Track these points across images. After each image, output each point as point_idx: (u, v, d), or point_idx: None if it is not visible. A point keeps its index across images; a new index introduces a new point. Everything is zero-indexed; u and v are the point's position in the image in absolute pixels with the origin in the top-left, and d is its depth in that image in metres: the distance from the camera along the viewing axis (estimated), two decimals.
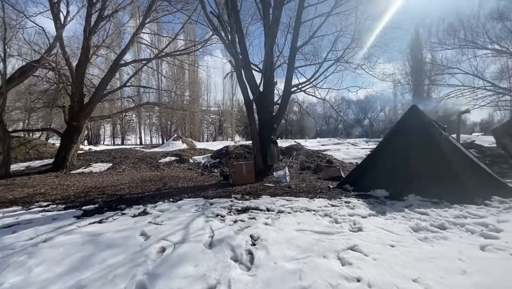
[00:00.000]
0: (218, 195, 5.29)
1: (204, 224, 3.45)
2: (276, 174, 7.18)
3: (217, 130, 41.48)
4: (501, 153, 12.14)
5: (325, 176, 7.54)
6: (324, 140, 24.85)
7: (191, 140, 19.92)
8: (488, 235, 2.75)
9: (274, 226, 3.33)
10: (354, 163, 11.61)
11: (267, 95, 8.07)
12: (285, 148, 11.71)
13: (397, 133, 5.44)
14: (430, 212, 3.61)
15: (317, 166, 9.58)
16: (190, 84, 23.71)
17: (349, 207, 4.09)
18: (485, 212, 3.50)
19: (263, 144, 7.72)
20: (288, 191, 5.48)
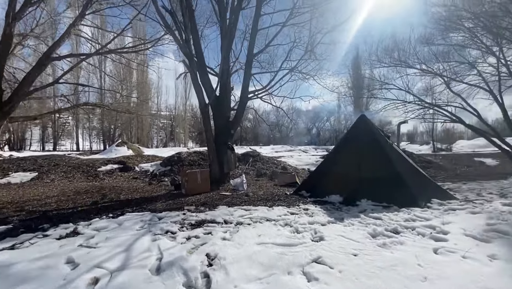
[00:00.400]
0: (169, 207, 4.73)
1: (150, 244, 2.94)
2: (233, 181, 6.86)
3: (169, 136, 39.23)
4: (427, 159, 13.96)
5: (281, 182, 7.51)
6: (277, 147, 25.48)
7: (139, 146, 18.30)
8: (438, 238, 2.89)
9: (233, 240, 3.00)
10: (306, 169, 12.00)
11: (224, 100, 7.76)
12: (242, 155, 11.48)
13: (348, 140, 5.68)
14: (383, 216, 3.73)
15: (273, 173, 9.56)
16: (139, 86, 21.92)
17: (308, 214, 4.00)
18: (429, 214, 3.76)
19: (219, 150, 7.35)
20: (246, 200, 5.20)
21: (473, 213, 3.68)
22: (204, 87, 7.28)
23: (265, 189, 6.74)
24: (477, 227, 3.14)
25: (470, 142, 23.72)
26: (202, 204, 4.94)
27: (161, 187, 7.26)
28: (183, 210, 4.47)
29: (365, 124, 5.60)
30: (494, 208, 3.85)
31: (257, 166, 10.41)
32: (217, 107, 7.69)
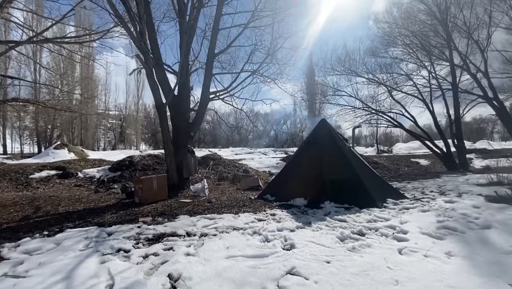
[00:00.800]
0: (120, 219, 4.14)
1: (98, 268, 2.46)
2: (194, 187, 6.42)
3: (118, 138, 35.95)
4: (374, 160, 15.23)
5: (244, 186, 7.31)
6: (237, 149, 25.28)
7: (82, 149, 16.29)
8: (399, 238, 3.01)
9: (199, 256, 2.69)
10: (268, 171, 12.04)
11: (183, 100, 7.26)
12: (201, 158, 10.98)
13: (310, 144, 5.76)
14: (347, 218, 3.80)
15: (235, 176, 9.32)
16: (83, 81, 19.54)
17: (276, 220, 3.87)
18: (387, 214, 3.96)
19: (178, 154, 6.83)
20: (209, 207, 4.86)
21: (423, 211, 3.99)
22: (161, 85, 6.70)
23: (228, 194, 6.47)
24: (430, 225, 3.38)
25: (406, 145, 26.76)
26: (160, 214, 4.46)
27: (110, 196, 6.44)
28: (137, 222, 3.95)
29: (326, 128, 5.76)
30: (439, 205, 4.25)
31: (218, 170, 10.04)
32: (175, 107, 7.16)
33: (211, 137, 46.26)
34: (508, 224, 3.21)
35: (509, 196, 4.31)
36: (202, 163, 10.50)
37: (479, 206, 4.03)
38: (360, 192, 4.65)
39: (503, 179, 5.97)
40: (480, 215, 3.60)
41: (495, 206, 3.99)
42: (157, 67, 6.67)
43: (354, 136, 11.15)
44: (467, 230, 3.14)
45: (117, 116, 36.44)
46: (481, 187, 5.60)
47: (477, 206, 4.01)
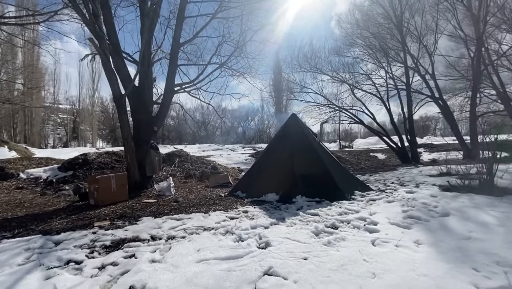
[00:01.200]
0: (71, 225, 3.62)
1: (41, 285, 2.05)
2: (158, 186, 5.96)
3: (71, 135, 32.59)
4: (337, 155, 15.91)
5: (213, 184, 7.02)
6: (204, 146, 24.59)
7: (26, 147, 14.36)
8: (371, 229, 3.06)
9: (166, 262, 2.41)
10: (237, 168, 11.84)
11: (145, 91, 6.68)
12: (166, 155, 10.35)
13: (281, 139, 5.70)
14: (319, 212, 3.79)
15: (203, 173, 8.96)
16: (26, 69, 17.14)
17: (248, 217, 3.71)
18: (357, 206, 4.05)
19: (140, 150, 6.28)
20: (176, 207, 4.51)
21: (388, 202, 4.16)
22: (119, 74, 6.06)
23: (197, 192, 6.13)
24: (397, 215, 3.51)
25: (365, 140, 28.64)
26: (119, 216, 4.00)
27: (60, 198, 5.68)
28: (92, 227, 3.48)
29: (296, 123, 5.74)
30: (402, 196, 4.48)
31: (185, 167, 9.55)
32: (136, 99, 6.55)
33: (176, 133, 44.46)
34: (463, 211, 3.47)
35: (459, 185, 4.72)
36: (167, 160, 9.90)
37: (436, 195, 4.33)
38: (330, 186, 4.71)
39: (450, 170, 6.59)
40: (438, 203, 3.85)
41: (449, 194, 4.32)
42: (115, 54, 6.01)
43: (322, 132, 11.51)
44: (429, 218, 3.31)
45: (69, 110, 33.01)
46: (433, 178, 6.09)
47: (434, 195, 4.31)
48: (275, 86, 45.07)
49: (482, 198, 3.96)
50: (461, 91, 15.43)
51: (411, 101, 13.47)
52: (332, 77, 15.21)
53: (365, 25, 13.84)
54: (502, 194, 4.13)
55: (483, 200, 3.88)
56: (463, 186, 4.65)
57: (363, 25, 13.98)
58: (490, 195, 4.12)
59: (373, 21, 13.69)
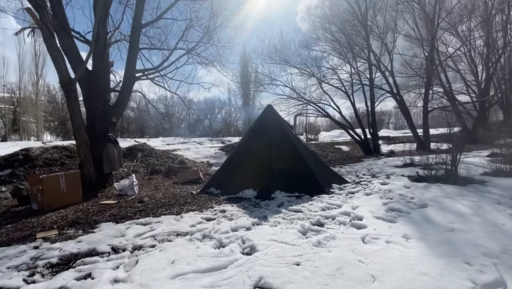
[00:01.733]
0: (5, 238, 2.89)
1: None
2: (119, 184, 5.25)
3: (11, 127, 28.31)
4: None
5: (183, 180, 6.47)
6: (169, 139, 23.28)
7: None
8: (358, 225, 2.93)
9: (132, 281, 1.95)
10: (206, 162, 11.29)
11: (100, 76, 5.80)
12: (127, 149, 9.38)
13: (257, 131, 5.38)
14: (301, 208, 3.59)
15: (170, 168, 8.29)
16: None
17: (227, 217, 3.35)
18: (337, 200, 3.94)
19: (96, 144, 5.46)
20: (141, 208, 3.95)
21: (367, 194, 4.14)
22: (67, 55, 5.13)
23: (164, 189, 5.56)
24: (379, 208, 3.46)
25: (329, 133, 29.89)
26: (71, 223, 3.34)
27: None
28: (34, 239, 2.81)
29: (273, 115, 5.48)
30: (378, 188, 4.51)
31: (149, 162, 8.75)
32: (90, 86, 5.66)
33: (137, 126, 41.57)
34: (438, 201, 3.56)
35: (427, 175, 4.93)
36: (128, 155, 8.97)
37: (408, 186, 4.44)
38: (309, 180, 4.56)
39: (414, 160, 6.97)
40: (413, 194, 3.92)
41: (420, 185, 4.46)
42: (61, 30, 5.06)
43: (296, 124, 11.45)
44: (410, 210, 3.31)
45: (8, 100, 28.57)
46: (400, 168, 6.35)
47: (407, 186, 4.41)
48: (242, 78, 44.51)
49: (451, 188, 4.14)
50: (413, 88, 16.72)
51: (374, 96, 14.16)
52: (300, 70, 15.27)
53: (333, 20, 14.06)
54: (465, 183, 4.38)
55: (452, 189, 4.05)
56: (430, 176, 4.86)
57: (332, 19, 14.18)
58: (456, 184, 4.34)
59: (339, 17, 13.95)
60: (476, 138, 14.73)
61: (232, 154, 5.57)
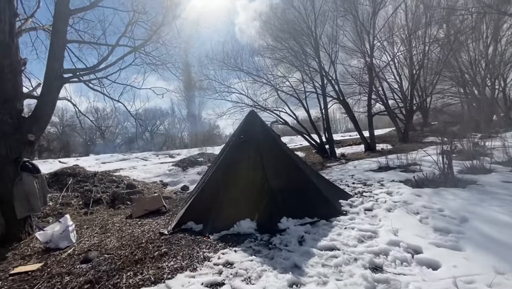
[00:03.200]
0: None
1: None
2: (44, 234, 3.43)
3: None
4: None
5: (140, 212, 4.87)
6: (104, 157, 19.82)
7: None
8: (426, 261, 2.17)
9: None
10: (159, 182, 9.51)
11: (4, 74, 3.91)
12: (52, 175, 7.05)
13: (241, 143, 4.32)
14: (332, 243, 2.69)
15: (115, 196, 6.45)
16: None
17: (242, 277, 2.20)
18: (362, 221, 3.19)
19: (1, 176, 3.54)
20: (89, 277, 2.41)
21: (388, 210, 3.51)
22: None
23: (117, 230, 3.95)
24: (422, 229, 2.83)
25: None
26: None
27: None
28: None
29: (259, 122, 4.52)
30: (389, 199, 3.94)
31: (85, 190, 6.66)
32: None
33: (61, 144, 34.87)
34: (470, 211, 3.13)
35: (424, 180, 4.66)
36: (53, 182, 6.70)
37: (417, 193, 4.03)
38: (317, 198, 3.73)
39: (383, 163, 6.90)
40: (435, 204, 3.46)
41: (427, 191, 4.11)
42: None
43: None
44: (458, 228, 2.77)
45: None
46: (382, 173, 6.11)
47: (417, 194, 3.99)
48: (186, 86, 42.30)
49: (460, 192, 3.87)
50: (354, 94, 18.05)
51: (327, 102, 14.56)
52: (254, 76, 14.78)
53: (288, 28, 14.00)
54: (464, 185, 4.22)
55: (464, 194, 3.77)
56: (428, 180, 4.61)
57: (287, 28, 14.12)
58: (457, 187, 4.13)
59: (292, 25, 14.01)
60: (407, 138, 16.53)
61: (212, 173, 4.32)
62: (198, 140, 47.52)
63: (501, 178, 4.42)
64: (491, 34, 15.89)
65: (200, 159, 12.51)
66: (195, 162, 11.89)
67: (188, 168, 11.11)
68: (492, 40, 15.92)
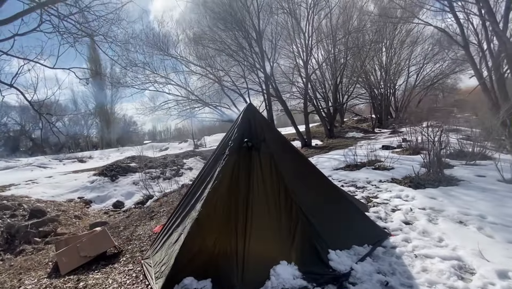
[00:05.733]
0: None
1: None
2: None
3: None
4: None
5: (74, 263, 2.95)
6: None
7: None
8: None
9: None
10: (79, 200, 6.90)
11: None
12: None
13: (248, 148, 3.05)
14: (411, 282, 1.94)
15: (13, 232, 4.03)
16: None
17: None
18: (421, 243, 2.54)
19: None
20: None
21: (429, 221, 3.03)
22: None
23: None
24: (494, 245, 2.40)
25: (212, 138, 28.50)
26: None
27: None
28: None
29: (261, 117, 3.34)
30: (408, 208, 3.55)
31: None
32: None
33: None
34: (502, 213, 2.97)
35: (419, 178, 4.54)
36: None
37: (430, 196, 3.79)
38: (355, 216, 2.93)
39: (347, 158, 6.79)
40: (468, 209, 3.20)
41: (435, 192, 3.93)
42: None
43: None
44: None
45: None
46: (354, 172, 5.94)
47: (432, 197, 3.73)
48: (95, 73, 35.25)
49: (462, 190, 3.87)
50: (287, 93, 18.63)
51: (271, 100, 14.27)
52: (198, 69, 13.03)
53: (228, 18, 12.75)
54: (455, 182, 4.29)
55: (472, 193, 3.74)
56: (420, 179, 4.52)
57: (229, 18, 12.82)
58: (454, 185, 4.16)
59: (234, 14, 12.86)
60: (333, 134, 18.16)
61: (211, 193, 2.84)
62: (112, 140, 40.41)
63: (471, 172, 4.75)
64: (384, 46, 19.23)
65: (133, 164, 10.02)
66: (127, 168, 9.41)
67: (119, 177, 8.64)
68: (386, 52, 19.35)
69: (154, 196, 7.45)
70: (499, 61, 7.22)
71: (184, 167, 10.68)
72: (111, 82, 13.32)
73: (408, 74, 21.72)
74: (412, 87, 22.35)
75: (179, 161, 11.31)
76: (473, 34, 8.15)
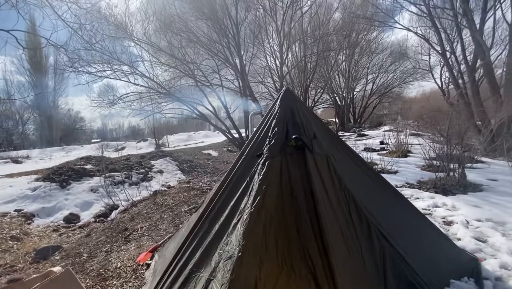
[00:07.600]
0: None
1: None
2: None
3: None
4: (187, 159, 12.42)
5: None
6: None
7: None
8: None
9: None
10: (16, 213, 5.06)
11: None
12: None
13: (296, 148, 2.09)
14: None
15: None
16: None
17: None
18: None
19: None
20: None
21: (503, 235, 2.53)
22: None
23: None
24: None
25: (176, 137, 26.20)
26: None
27: None
28: None
29: (304, 108, 2.43)
30: (464, 220, 3.05)
31: None
32: None
33: None
34: None
35: (449, 183, 4.15)
36: None
37: (474, 204, 3.38)
38: (441, 243, 2.23)
39: None
40: None
41: (471, 199, 3.56)
42: None
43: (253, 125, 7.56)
44: None
45: None
46: None
47: (476, 205, 3.33)
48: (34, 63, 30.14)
49: (497, 196, 3.55)
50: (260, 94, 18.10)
51: (247, 100, 13.38)
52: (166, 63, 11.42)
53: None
54: (478, 189, 4.02)
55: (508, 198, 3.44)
56: (444, 185, 4.15)
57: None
58: (475, 192, 3.87)
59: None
60: None
61: (251, 215, 1.77)
62: (54, 137, 34.78)
63: (479, 176, 4.60)
64: (345, 55, 20.03)
65: (89, 166, 8.09)
66: (81, 171, 7.53)
67: (72, 183, 6.78)
68: (346, 60, 20.22)
69: (119, 205, 5.95)
70: (475, 69, 7.51)
71: (153, 169, 9.08)
72: (58, 67, 10.72)
73: (367, 81, 23.07)
74: (369, 95, 23.81)
75: (146, 162, 9.64)
76: (448, 42, 8.52)
